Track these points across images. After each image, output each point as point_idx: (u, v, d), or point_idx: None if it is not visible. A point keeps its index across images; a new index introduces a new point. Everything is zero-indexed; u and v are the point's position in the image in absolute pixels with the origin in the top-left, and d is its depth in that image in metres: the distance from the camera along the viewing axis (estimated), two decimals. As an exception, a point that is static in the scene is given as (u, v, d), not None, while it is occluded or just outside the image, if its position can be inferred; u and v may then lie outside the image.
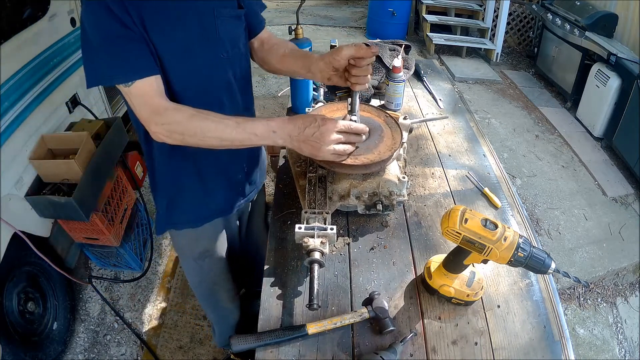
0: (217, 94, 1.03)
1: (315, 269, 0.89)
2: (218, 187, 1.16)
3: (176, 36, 0.91)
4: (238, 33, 1.05)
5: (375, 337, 0.88)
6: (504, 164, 3.09)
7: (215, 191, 1.16)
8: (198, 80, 0.98)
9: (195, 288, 1.44)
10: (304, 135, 0.91)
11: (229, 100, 1.06)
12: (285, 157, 1.36)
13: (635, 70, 2.99)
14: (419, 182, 1.29)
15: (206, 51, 0.97)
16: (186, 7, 0.90)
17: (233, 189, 1.21)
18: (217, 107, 0.99)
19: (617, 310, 2.30)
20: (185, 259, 1.32)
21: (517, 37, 5.09)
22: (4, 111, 1.66)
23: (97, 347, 2.00)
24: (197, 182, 1.12)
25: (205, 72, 0.99)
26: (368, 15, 5.30)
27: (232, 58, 1.03)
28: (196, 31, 0.93)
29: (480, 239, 0.79)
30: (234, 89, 1.07)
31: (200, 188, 1.13)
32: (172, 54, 0.91)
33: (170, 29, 0.89)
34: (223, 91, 1.04)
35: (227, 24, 0.99)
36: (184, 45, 0.92)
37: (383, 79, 1.66)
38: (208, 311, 1.59)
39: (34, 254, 1.69)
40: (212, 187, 1.14)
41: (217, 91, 1.02)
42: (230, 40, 1.01)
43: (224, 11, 0.97)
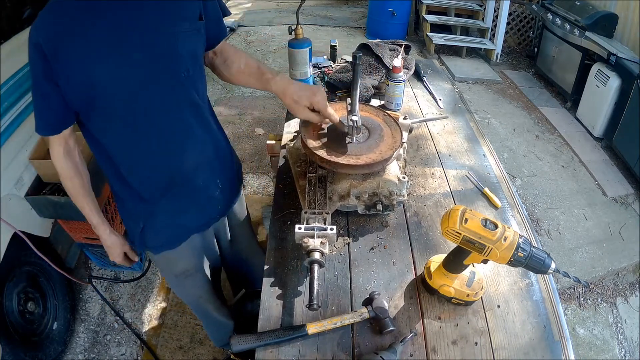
0: (183, 116, 1.00)
1: (315, 269, 0.89)
2: (193, 205, 1.14)
3: (132, 62, 0.86)
4: (199, 48, 0.99)
5: (375, 337, 0.88)
6: (504, 164, 3.09)
7: (190, 209, 1.14)
8: (161, 104, 0.94)
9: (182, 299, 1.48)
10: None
11: (198, 121, 1.04)
12: (285, 157, 1.36)
13: (635, 70, 2.99)
14: (419, 182, 1.29)
15: (168, 72, 0.91)
16: (142, 29, 0.85)
17: (209, 205, 1.19)
18: (185, 132, 1.02)
19: (617, 310, 2.29)
20: (167, 277, 1.32)
21: (517, 37, 5.09)
22: (4, 111, 1.66)
23: (97, 347, 1.99)
24: (171, 202, 1.09)
25: (168, 94, 0.94)
26: (368, 15, 5.30)
27: (194, 76, 0.98)
28: (156, 53, 0.88)
29: (480, 239, 0.79)
30: (201, 109, 1.04)
31: (174, 208, 1.11)
32: (129, 79, 0.87)
33: (125, 54, 0.85)
34: (189, 113, 1.01)
35: (188, 40, 0.93)
36: (142, 69, 0.87)
37: (383, 79, 1.66)
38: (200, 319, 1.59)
39: (34, 254, 1.69)
40: (187, 206, 1.12)
41: (183, 113, 0.99)
42: (191, 57, 0.96)
43: (184, 26, 0.91)
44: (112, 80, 0.86)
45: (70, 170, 1.02)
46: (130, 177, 1.04)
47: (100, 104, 0.89)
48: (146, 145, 0.99)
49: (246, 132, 3.45)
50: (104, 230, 1.13)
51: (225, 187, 1.22)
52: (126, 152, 1.00)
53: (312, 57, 1.49)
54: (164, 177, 1.05)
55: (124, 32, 0.84)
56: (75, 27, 0.81)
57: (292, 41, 1.40)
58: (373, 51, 1.73)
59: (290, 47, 1.39)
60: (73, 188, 1.04)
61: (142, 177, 1.04)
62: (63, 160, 1.00)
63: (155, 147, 1.00)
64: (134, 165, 1.02)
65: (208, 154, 1.10)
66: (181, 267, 1.25)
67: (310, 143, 1.12)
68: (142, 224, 1.11)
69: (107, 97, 0.88)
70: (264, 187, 2.90)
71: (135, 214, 1.12)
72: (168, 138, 1.00)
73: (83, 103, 0.89)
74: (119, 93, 0.88)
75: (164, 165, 1.04)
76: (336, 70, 1.78)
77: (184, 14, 0.91)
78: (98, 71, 0.84)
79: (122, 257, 1.21)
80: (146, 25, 0.86)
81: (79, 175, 1.04)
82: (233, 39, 5.27)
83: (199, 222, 1.19)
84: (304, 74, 1.45)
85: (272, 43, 5.10)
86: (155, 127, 0.97)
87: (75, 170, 1.03)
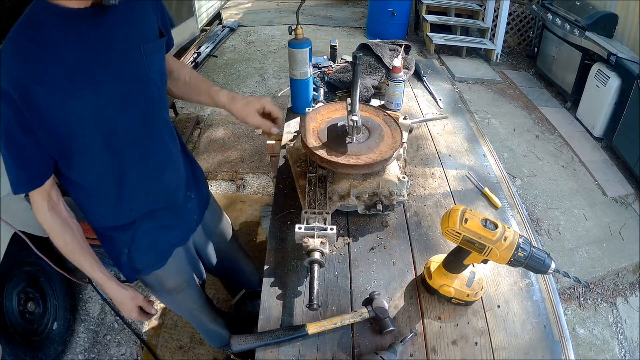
0: (161, 136, 0.99)
1: (315, 269, 0.89)
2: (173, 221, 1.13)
3: (107, 92, 0.83)
4: (164, 65, 0.97)
5: (375, 337, 0.88)
6: (504, 164, 3.09)
7: (171, 225, 1.13)
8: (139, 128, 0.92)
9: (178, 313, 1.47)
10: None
11: (172, 140, 1.04)
12: (285, 157, 1.36)
13: (635, 70, 2.99)
14: (419, 182, 1.29)
15: (141, 95, 0.90)
16: (112, 56, 0.82)
17: (187, 218, 1.18)
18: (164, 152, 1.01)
19: (617, 310, 2.29)
20: (159, 296, 1.28)
21: (517, 37, 5.09)
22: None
23: (97, 347, 1.99)
24: (151, 222, 1.07)
25: (144, 117, 0.92)
26: (368, 15, 5.30)
27: (162, 95, 0.97)
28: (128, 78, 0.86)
29: (480, 239, 0.79)
30: (171, 127, 1.04)
31: (155, 227, 1.09)
32: (106, 110, 0.84)
33: (99, 87, 0.81)
34: (165, 133, 1.01)
35: (154, 59, 0.91)
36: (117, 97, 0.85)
37: (383, 79, 1.66)
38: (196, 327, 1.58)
39: (34, 254, 1.68)
40: (167, 223, 1.11)
41: (160, 134, 0.99)
42: (159, 75, 0.94)
43: (149, 46, 0.88)
44: (89, 112, 0.82)
45: (58, 225, 0.93)
46: (110, 213, 1.01)
47: (79, 141, 0.85)
48: (127, 175, 0.95)
49: (246, 132, 3.45)
50: (110, 286, 1.04)
51: (196, 198, 1.21)
52: (106, 189, 0.96)
53: (312, 57, 1.48)
54: (147, 201, 1.03)
55: (94, 61, 0.80)
56: (43, 66, 0.75)
57: (292, 41, 1.39)
58: (373, 51, 1.73)
59: (290, 47, 1.39)
60: (65, 245, 0.95)
61: (124, 210, 1.01)
62: (49, 217, 0.91)
63: (137, 174, 0.97)
64: (116, 200, 0.98)
65: (181, 171, 1.10)
66: (172, 283, 1.23)
67: (310, 143, 1.12)
68: (126, 250, 1.08)
69: (87, 131, 0.84)
70: (264, 187, 2.90)
71: (118, 242, 1.08)
72: (148, 162, 0.98)
73: (61, 145, 0.84)
74: (98, 123, 0.85)
75: (146, 192, 1.02)
76: (336, 70, 1.78)
77: (147, 34, 0.89)
78: (73, 106, 0.80)
79: (138, 312, 1.12)
80: (115, 50, 0.83)
81: (70, 230, 0.95)
82: (233, 38, 5.27)
83: (181, 235, 1.18)
84: (304, 74, 1.45)
85: (272, 43, 5.10)
86: (134, 153, 0.94)
87: (64, 224, 0.94)
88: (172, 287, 1.24)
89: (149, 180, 1.00)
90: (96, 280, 1.03)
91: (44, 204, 0.90)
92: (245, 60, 4.63)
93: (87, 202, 1.00)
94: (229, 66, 4.49)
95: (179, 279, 1.24)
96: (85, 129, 0.83)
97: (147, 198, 1.03)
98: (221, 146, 3.30)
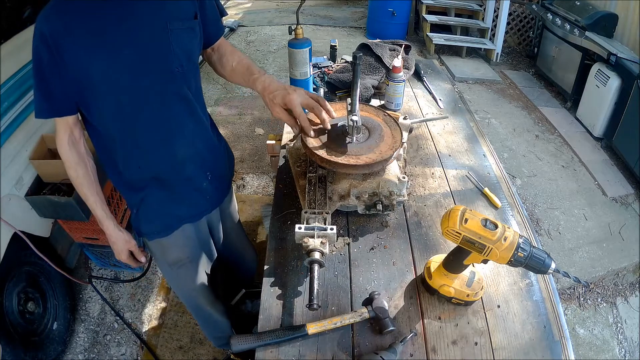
0: (173, 109, 1.03)
1: (315, 269, 0.89)
2: (183, 195, 1.16)
3: (122, 57, 0.90)
4: (193, 45, 1.03)
5: (375, 337, 0.88)
6: (504, 164, 3.09)
7: (180, 199, 1.16)
8: (152, 97, 0.98)
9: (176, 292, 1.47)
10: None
11: (189, 115, 1.07)
12: (285, 157, 1.36)
13: (635, 70, 2.99)
14: (419, 182, 1.29)
15: (159, 67, 0.96)
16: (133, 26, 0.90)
17: (199, 196, 1.20)
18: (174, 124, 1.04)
19: (617, 310, 2.29)
20: (161, 266, 1.32)
21: (517, 37, 5.09)
22: (4, 111, 1.66)
23: (97, 347, 1.99)
24: (161, 190, 1.12)
25: (159, 88, 0.98)
26: (368, 15, 5.30)
27: (187, 72, 1.01)
28: (147, 48, 0.93)
29: (480, 239, 0.79)
30: (193, 105, 1.07)
31: (164, 196, 1.13)
32: (120, 73, 0.92)
33: (114, 51, 0.89)
34: (181, 107, 1.04)
35: (181, 37, 0.97)
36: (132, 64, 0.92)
37: (383, 79, 1.66)
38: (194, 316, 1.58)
39: (34, 254, 1.69)
40: (177, 195, 1.15)
41: (173, 106, 1.02)
42: (185, 53, 0.99)
43: (177, 24, 0.95)
44: (105, 70, 0.90)
45: (74, 158, 1.03)
46: (122, 166, 1.08)
47: (93, 97, 0.95)
48: (136, 136, 1.02)
49: (246, 132, 3.45)
50: (108, 225, 1.12)
51: (216, 180, 1.24)
52: (119, 142, 1.03)
53: (312, 57, 1.48)
54: (153, 167, 1.08)
55: (121, 29, 0.89)
56: (73, 26, 0.86)
57: (292, 41, 1.39)
58: (373, 51, 1.73)
59: (290, 47, 1.39)
60: (77, 177, 1.05)
61: (133, 167, 1.07)
62: (68, 149, 1.02)
63: (145, 138, 1.03)
64: (126, 154, 1.05)
65: (198, 148, 1.13)
66: (174, 256, 1.25)
67: (310, 143, 1.12)
68: (135, 210, 1.14)
69: (102, 87, 0.92)
70: (264, 187, 2.90)
71: (129, 201, 1.15)
72: (157, 130, 1.03)
73: (82, 90, 0.93)
74: (111, 87, 0.93)
75: (153, 156, 1.07)
76: (336, 70, 1.78)
77: (177, 13, 0.95)
78: (92, 69, 0.89)
79: (127, 255, 1.19)
80: (139, 23, 0.90)
81: (83, 164, 1.04)
82: (233, 39, 5.27)
83: (190, 212, 1.21)
84: (304, 74, 1.45)
85: (272, 43, 5.10)
86: (144, 119, 1.00)
87: (80, 159, 1.04)
88: (173, 260, 1.26)
89: (155, 144, 1.05)
90: (97, 217, 1.11)
91: (65, 137, 1.01)
92: (245, 60, 4.62)
93: (104, 152, 1.08)
94: (229, 66, 4.47)
95: (182, 253, 1.26)
96: (102, 85, 0.92)
97: (155, 161, 1.07)
98: (221, 146, 3.30)
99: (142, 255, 1.22)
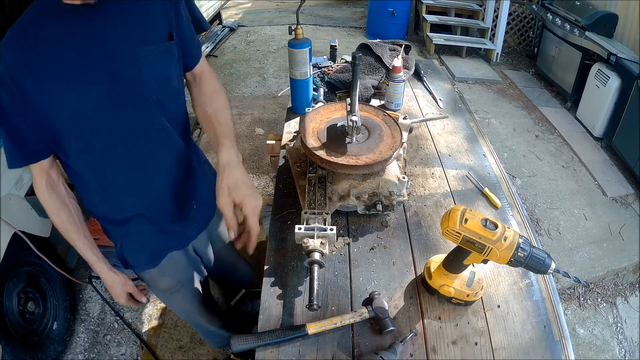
0: (150, 142, 0.94)
1: (315, 269, 0.89)
2: (168, 227, 1.10)
3: (90, 91, 0.82)
4: (170, 70, 0.92)
5: (375, 337, 0.88)
6: (504, 164, 3.09)
7: (166, 231, 1.10)
8: (126, 133, 0.90)
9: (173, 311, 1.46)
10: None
11: (169, 147, 0.99)
12: (285, 157, 1.36)
13: (635, 70, 2.99)
14: (419, 182, 1.29)
15: (132, 99, 0.87)
16: (100, 55, 0.80)
17: (185, 225, 1.14)
18: (152, 158, 0.97)
19: (617, 310, 2.29)
20: (154, 292, 1.27)
21: (517, 37, 5.09)
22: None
23: (97, 347, 1.99)
24: (145, 225, 1.06)
25: (133, 122, 0.89)
26: (368, 15, 5.30)
27: (163, 100, 0.92)
28: (117, 79, 0.83)
29: (480, 239, 0.79)
30: (172, 135, 0.98)
31: (149, 229, 1.07)
32: (90, 109, 0.83)
33: (81, 84, 0.81)
34: (159, 140, 0.96)
35: (154, 63, 0.86)
36: (102, 98, 0.83)
37: (383, 79, 1.66)
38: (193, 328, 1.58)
39: (34, 254, 1.69)
40: (162, 228, 1.09)
41: (152, 142, 0.95)
42: (160, 80, 0.89)
43: (149, 48, 0.84)
44: (73, 113, 0.83)
45: (55, 203, 0.95)
46: (102, 206, 1.03)
47: (63, 136, 0.87)
48: (113, 176, 0.96)
49: (246, 132, 3.45)
50: (101, 268, 1.05)
51: (201, 207, 1.15)
52: (95, 184, 0.98)
53: (312, 57, 1.48)
54: (135, 207, 1.03)
55: (87, 59, 0.80)
56: (33, 58, 0.78)
57: (292, 41, 1.39)
58: (373, 51, 1.73)
59: (290, 47, 1.39)
60: (61, 222, 0.97)
61: (114, 208, 1.03)
62: (47, 194, 0.94)
63: (123, 177, 0.97)
64: (105, 196, 1.00)
65: (180, 179, 1.06)
66: (165, 284, 1.22)
67: (310, 143, 1.12)
68: (119, 244, 1.09)
69: (72, 126, 0.85)
70: (264, 187, 2.90)
71: (111, 235, 1.09)
72: (135, 168, 0.96)
73: (52, 131, 0.86)
74: (81, 125, 0.85)
75: (133, 196, 1.01)
76: (336, 70, 1.78)
77: (147, 36, 0.85)
78: (59, 105, 0.82)
79: (126, 298, 1.13)
80: (110, 49, 0.81)
81: (66, 208, 0.97)
82: (233, 38, 5.27)
83: (176, 241, 1.16)
84: (304, 74, 1.45)
85: (272, 43, 5.10)
86: (119, 157, 0.93)
87: (61, 203, 0.96)
88: (165, 287, 1.23)
89: (135, 184, 0.99)
90: (88, 261, 1.04)
91: (42, 182, 0.93)
92: (245, 60, 4.63)
93: (83, 190, 1.02)
94: (229, 66, 4.49)
95: (174, 279, 1.23)
96: (71, 122, 0.85)
97: (136, 201, 1.02)
98: (221, 146, 3.30)
99: (142, 295, 1.16)
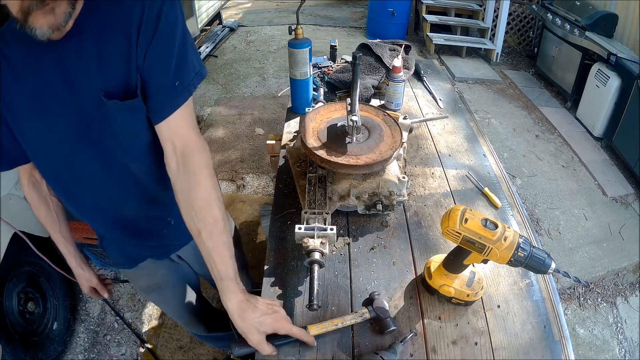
0: (119, 181, 0.92)
1: (315, 269, 0.89)
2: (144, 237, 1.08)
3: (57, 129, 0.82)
4: (137, 127, 0.84)
5: (375, 337, 0.88)
6: (504, 164, 3.09)
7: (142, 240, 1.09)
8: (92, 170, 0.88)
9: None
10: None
11: (136, 188, 0.95)
12: (285, 157, 1.36)
13: (635, 70, 2.99)
14: (419, 182, 1.29)
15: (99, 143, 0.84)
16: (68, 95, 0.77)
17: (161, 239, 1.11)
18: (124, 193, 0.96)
19: (617, 310, 2.29)
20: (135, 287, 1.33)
21: (517, 37, 5.09)
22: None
23: (97, 347, 2.00)
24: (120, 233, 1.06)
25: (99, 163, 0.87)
26: (368, 15, 5.30)
27: (134, 153, 0.88)
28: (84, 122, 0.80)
29: (480, 239, 0.79)
30: (142, 170, 0.93)
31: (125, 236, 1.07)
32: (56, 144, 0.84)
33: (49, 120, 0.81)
34: (125, 178, 0.92)
35: (120, 117, 0.80)
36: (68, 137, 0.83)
37: (383, 79, 1.66)
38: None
39: (34, 254, 1.69)
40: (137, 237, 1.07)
41: (119, 178, 0.91)
42: (128, 136, 0.85)
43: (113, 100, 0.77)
44: (40, 144, 0.85)
45: (35, 200, 1.03)
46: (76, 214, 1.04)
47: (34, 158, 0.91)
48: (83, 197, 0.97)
49: (246, 132, 3.45)
50: (70, 262, 1.15)
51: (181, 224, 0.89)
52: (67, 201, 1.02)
53: (312, 57, 1.48)
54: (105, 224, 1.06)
55: (53, 98, 0.78)
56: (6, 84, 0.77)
57: (292, 41, 1.39)
58: (373, 51, 1.73)
59: (290, 47, 1.39)
60: (40, 217, 1.05)
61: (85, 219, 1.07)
62: (28, 190, 1.02)
63: (92, 202, 0.97)
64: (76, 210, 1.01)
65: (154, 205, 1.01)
66: (143, 283, 1.25)
67: (310, 143, 1.12)
68: (99, 242, 1.14)
69: (39, 155, 0.89)
70: (264, 187, 2.90)
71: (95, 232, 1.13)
72: (105, 196, 0.95)
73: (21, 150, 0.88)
74: (48, 155, 0.88)
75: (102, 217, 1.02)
76: (336, 70, 1.78)
77: (111, 87, 0.77)
78: (26, 129, 0.83)
79: (89, 290, 1.23)
80: (75, 92, 0.78)
81: (45, 204, 1.04)
82: (233, 38, 5.27)
83: (154, 252, 1.15)
84: (304, 74, 1.45)
85: (272, 43, 5.10)
86: (85, 187, 0.93)
87: (40, 200, 1.03)
88: (143, 286, 1.27)
89: (102, 212, 1.00)
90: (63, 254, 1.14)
91: (25, 179, 1.01)
92: (245, 60, 4.63)
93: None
94: (229, 66, 4.49)
95: (150, 280, 1.24)
96: (38, 152, 0.88)
97: (108, 223, 1.04)
98: (221, 146, 3.30)
99: (104, 290, 1.24)
